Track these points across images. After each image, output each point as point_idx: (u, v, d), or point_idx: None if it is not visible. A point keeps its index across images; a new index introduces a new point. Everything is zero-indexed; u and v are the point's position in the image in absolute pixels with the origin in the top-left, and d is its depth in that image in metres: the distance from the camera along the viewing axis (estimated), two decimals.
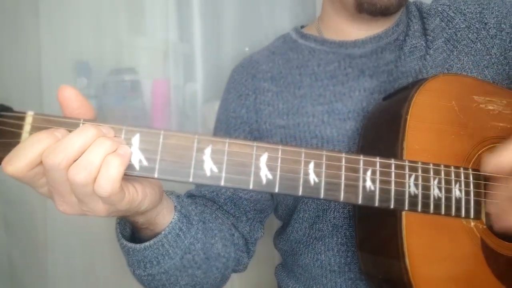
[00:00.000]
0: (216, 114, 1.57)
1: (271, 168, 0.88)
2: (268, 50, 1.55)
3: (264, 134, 1.41)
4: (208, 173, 0.85)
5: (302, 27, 1.59)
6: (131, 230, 1.09)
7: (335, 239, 1.34)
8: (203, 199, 1.39)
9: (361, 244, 1.21)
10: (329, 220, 1.34)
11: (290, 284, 1.49)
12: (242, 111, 1.45)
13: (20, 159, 0.76)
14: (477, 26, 1.38)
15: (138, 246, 1.03)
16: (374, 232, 1.16)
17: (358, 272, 1.32)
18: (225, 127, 1.49)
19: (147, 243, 1.03)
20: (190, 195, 1.43)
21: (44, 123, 0.80)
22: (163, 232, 1.03)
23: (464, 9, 1.41)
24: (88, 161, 0.77)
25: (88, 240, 1.97)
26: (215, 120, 1.56)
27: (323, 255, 1.37)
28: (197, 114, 1.97)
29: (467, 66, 1.34)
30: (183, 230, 1.07)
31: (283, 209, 1.50)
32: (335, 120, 1.33)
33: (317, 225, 1.37)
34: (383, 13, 1.31)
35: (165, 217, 1.04)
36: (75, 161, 0.77)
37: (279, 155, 0.89)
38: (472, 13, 1.40)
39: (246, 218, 1.43)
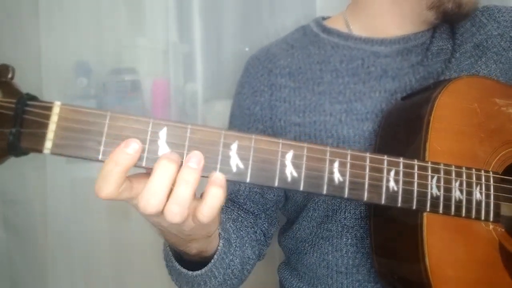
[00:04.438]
0: (230, 108, 1.51)
1: (296, 166, 0.83)
2: (286, 43, 1.45)
3: (278, 131, 1.34)
4: (234, 169, 0.81)
5: (323, 18, 1.51)
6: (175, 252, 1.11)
7: (344, 239, 1.28)
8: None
9: (376, 244, 1.15)
10: (339, 220, 1.28)
11: (294, 283, 1.43)
12: (256, 109, 1.38)
13: (109, 184, 0.75)
14: (511, 35, 1.32)
15: (191, 273, 1.07)
16: (392, 232, 1.11)
17: (366, 274, 1.27)
18: (240, 123, 1.43)
19: (199, 272, 1.07)
20: None
21: (71, 114, 0.75)
22: (212, 261, 1.06)
23: (498, 17, 1.34)
24: (180, 204, 0.77)
25: (88, 240, 1.93)
26: (230, 115, 1.50)
27: (330, 256, 1.31)
28: (197, 114, 1.93)
29: (494, 74, 1.28)
30: (225, 253, 1.10)
31: (291, 205, 1.44)
32: (352, 120, 1.26)
33: (326, 225, 1.31)
34: (458, 18, 1.29)
35: (213, 244, 1.06)
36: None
37: (305, 153, 0.84)
38: (506, 21, 1.33)
39: (264, 215, 1.41)
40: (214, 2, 1.92)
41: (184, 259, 1.08)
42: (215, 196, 0.77)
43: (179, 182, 0.76)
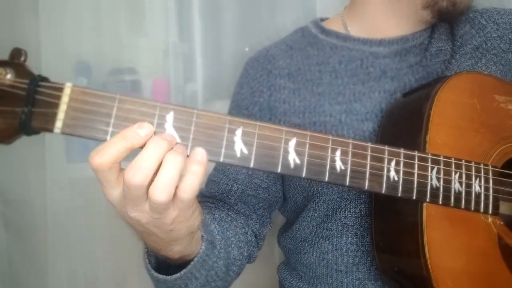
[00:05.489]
0: (228, 108, 1.50)
1: (299, 153, 0.85)
2: (285, 45, 1.46)
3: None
4: (238, 154, 0.83)
5: (321, 20, 1.50)
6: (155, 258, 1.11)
7: (344, 238, 1.29)
8: (213, 200, 1.37)
9: (377, 240, 1.16)
10: (339, 219, 1.29)
11: (294, 283, 1.43)
12: (255, 109, 1.38)
13: (107, 152, 0.77)
14: (510, 37, 1.32)
15: (169, 278, 1.06)
16: (392, 224, 1.12)
17: (366, 272, 1.27)
18: None
19: (178, 275, 1.05)
20: (201, 195, 1.40)
21: (81, 96, 0.78)
22: (192, 263, 1.05)
23: (498, 19, 1.35)
24: (168, 183, 0.78)
25: (88, 240, 1.93)
26: (227, 114, 1.48)
27: (330, 255, 1.31)
28: None
29: (494, 75, 1.28)
30: (208, 255, 1.09)
31: (290, 206, 1.44)
32: (352, 120, 1.27)
33: (326, 224, 1.31)
34: (453, 16, 1.30)
35: (197, 246, 1.06)
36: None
37: (307, 140, 0.86)
38: (506, 23, 1.34)
39: (256, 216, 1.40)
40: (214, 2, 1.93)
41: (167, 263, 1.07)
42: (195, 173, 0.79)
43: (166, 161, 0.78)
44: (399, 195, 0.93)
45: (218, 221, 1.24)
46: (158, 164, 0.77)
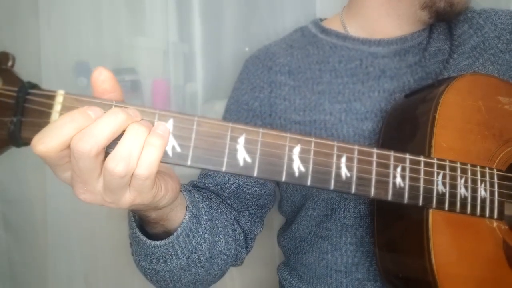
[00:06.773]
0: (225, 104, 1.49)
1: (303, 160, 0.82)
2: (285, 43, 1.46)
3: (278, 129, 1.32)
4: (241, 163, 0.79)
5: (321, 20, 1.50)
6: (140, 222, 1.02)
7: (343, 238, 1.28)
8: (206, 192, 1.34)
9: (380, 243, 1.14)
10: (338, 219, 1.28)
11: (293, 283, 1.41)
12: (255, 104, 1.37)
13: (52, 139, 0.68)
14: (508, 37, 1.32)
15: (149, 242, 0.99)
16: (396, 229, 1.10)
17: (366, 272, 1.26)
18: (235, 118, 1.41)
19: (157, 242, 0.99)
20: (193, 186, 1.37)
21: (75, 103, 0.73)
22: (174, 234, 0.99)
23: (495, 20, 1.35)
24: (127, 152, 0.71)
25: (88, 240, 1.92)
26: (225, 110, 1.49)
27: (329, 255, 1.30)
28: (197, 114, 1.86)
29: (497, 76, 1.27)
30: (192, 231, 1.03)
31: (288, 205, 1.44)
32: (352, 119, 1.26)
33: (325, 224, 1.30)
34: (451, 16, 1.29)
35: (177, 214, 0.99)
36: (104, 148, 0.71)
37: (312, 147, 0.83)
38: (503, 24, 1.34)
39: (248, 213, 1.36)
40: (214, 2, 1.90)
41: (149, 234, 1.01)
42: (154, 145, 0.72)
43: (128, 131, 0.72)
44: (405, 202, 0.90)
45: (209, 206, 1.18)
46: (113, 136, 0.71)
